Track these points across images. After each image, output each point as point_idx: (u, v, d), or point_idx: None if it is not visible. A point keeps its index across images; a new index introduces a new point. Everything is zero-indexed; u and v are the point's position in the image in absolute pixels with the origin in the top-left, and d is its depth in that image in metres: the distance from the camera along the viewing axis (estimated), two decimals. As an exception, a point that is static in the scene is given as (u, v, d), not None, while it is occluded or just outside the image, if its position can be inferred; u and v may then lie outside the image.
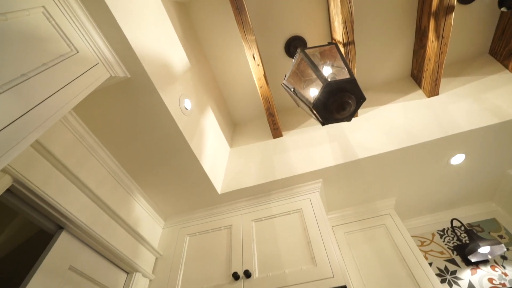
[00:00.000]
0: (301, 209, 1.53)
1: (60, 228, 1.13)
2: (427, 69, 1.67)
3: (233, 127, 2.29)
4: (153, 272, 1.54)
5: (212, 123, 1.77)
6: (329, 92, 0.83)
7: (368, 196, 1.84)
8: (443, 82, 1.80)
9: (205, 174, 1.53)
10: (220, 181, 1.71)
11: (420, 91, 1.83)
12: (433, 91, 1.71)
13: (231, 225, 1.61)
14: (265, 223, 1.54)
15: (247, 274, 1.29)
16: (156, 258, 1.61)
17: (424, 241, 2.03)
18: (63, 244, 1.10)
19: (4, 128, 0.60)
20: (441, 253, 1.92)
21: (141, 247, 1.49)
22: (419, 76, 1.81)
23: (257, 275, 1.30)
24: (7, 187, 0.90)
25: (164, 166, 1.48)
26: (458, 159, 1.63)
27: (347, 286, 1.13)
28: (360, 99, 0.87)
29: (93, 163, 1.32)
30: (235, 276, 1.30)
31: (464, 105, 1.60)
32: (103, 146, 1.38)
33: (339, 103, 0.83)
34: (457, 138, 1.49)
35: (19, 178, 0.92)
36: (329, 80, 0.87)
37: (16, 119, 0.64)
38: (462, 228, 2.02)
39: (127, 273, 1.42)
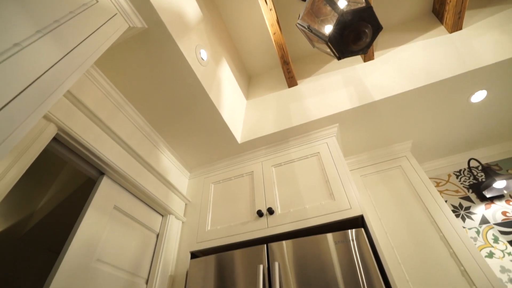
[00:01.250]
0: (319, 152, 1.60)
1: (101, 173, 1.26)
2: (450, 1, 1.57)
3: (248, 79, 2.30)
4: (184, 215, 1.71)
5: (227, 75, 1.80)
6: (344, 22, 0.83)
7: (384, 140, 1.87)
8: (467, 15, 1.69)
9: (225, 124, 1.60)
10: (239, 131, 1.79)
11: (442, 27, 1.74)
12: (456, 26, 1.62)
13: (252, 171, 1.71)
14: (284, 168, 1.63)
15: (270, 211, 1.41)
16: (186, 204, 1.77)
17: (440, 182, 2.08)
18: (105, 187, 1.24)
19: (48, 70, 0.67)
20: (456, 191, 1.98)
21: (171, 194, 1.64)
22: (441, 10, 1.71)
23: (279, 211, 1.43)
24: (53, 135, 1.01)
25: (186, 118, 1.56)
26: (479, 96, 1.60)
27: (364, 216, 1.23)
28: (376, 29, 0.86)
29: (121, 118, 1.42)
30: (259, 213, 1.43)
31: (489, 38, 1.53)
32: (128, 102, 1.46)
33: (355, 33, 0.83)
34: (480, 73, 1.45)
35: (62, 127, 1.02)
36: (344, 11, 0.86)
37: (56, 63, 0.70)
38: (480, 168, 2.04)
39: (162, 216, 1.59)
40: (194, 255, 1.51)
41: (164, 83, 1.37)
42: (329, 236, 1.16)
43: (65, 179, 2.08)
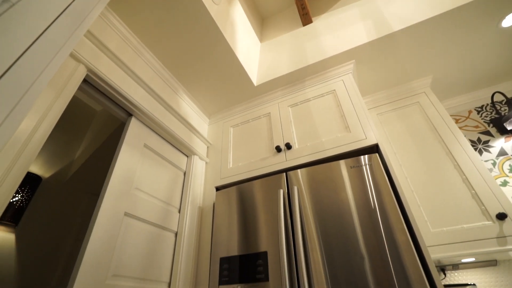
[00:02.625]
0: (335, 90, 1.61)
1: (130, 115, 1.36)
2: None
3: (261, 21, 2.24)
4: (207, 156, 1.83)
5: (240, 15, 1.76)
6: None
7: (402, 76, 1.83)
8: None
9: (240, 66, 1.62)
10: (254, 73, 1.81)
11: None
12: None
13: (269, 112, 1.77)
14: (300, 107, 1.67)
15: (288, 146, 1.49)
16: (208, 147, 1.89)
17: (459, 119, 2.06)
18: (134, 127, 1.35)
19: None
20: (476, 127, 1.96)
21: (194, 137, 1.75)
22: None
23: (297, 146, 1.50)
24: (84, 76, 1.09)
25: (203, 62, 1.59)
26: (511, 19, 1.49)
27: (379, 144, 1.28)
28: None
29: (140, 64, 1.47)
30: (278, 149, 1.51)
31: (527, -50, 1.37)
32: (146, 47, 1.49)
33: None
34: (511, -8, 1.34)
35: (91, 68, 1.09)
36: None
37: (82, -6, 0.74)
38: (504, 101, 1.98)
39: (187, 156, 1.72)
40: (218, 189, 1.65)
41: (179, 26, 1.38)
42: (342, 162, 1.24)
43: (96, 129, 2.24)
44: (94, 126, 2.31)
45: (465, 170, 1.44)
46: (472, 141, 1.92)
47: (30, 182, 1.78)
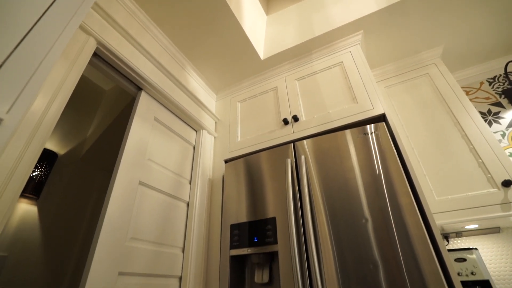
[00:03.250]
0: (342, 62, 1.59)
1: (140, 89, 1.39)
2: None
3: (267, -5, 2.19)
4: (215, 131, 1.87)
5: (246, -13, 1.73)
6: None
7: (412, 47, 1.79)
8: None
9: (247, 40, 1.61)
10: (261, 47, 1.79)
11: None
12: None
13: (276, 86, 1.77)
14: (307, 80, 1.67)
15: (295, 118, 1.51)
16: (216, 122, 1.92)
17: (470, 91, 2.02)
18: (144, 101, 1.38)
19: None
20: (487, 98, 1.93)
21: (202, 112, 1.77)
22: None
23: (304, 118, 1.52)
24: (94, 49, 1.11)
25: (209, 37, 1.58)
26: (526, -17, 1.43)
27: (386, 114, 1.29)
28: None
29: (148, 39, 1.47)
30: (285, 121, 1.53)
31: None
32: (153, 22, 1.49)
33: None
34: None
35: (101, 40, 1.11)
36: None
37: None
38: (517, 72, 1.93)
39: (196, 131, 1.76)
40: (227, 162, 1.70)
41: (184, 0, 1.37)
42: (348, 131, 1.25)
43: (106, 108, 2.29)
44: (103, 105, 2.36)
45: (473, 140, 1.44)
46: (482, 113, 1.89)
47: (47, 158, 1.86)
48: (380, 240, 0.96)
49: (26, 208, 1.71)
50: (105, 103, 2.38)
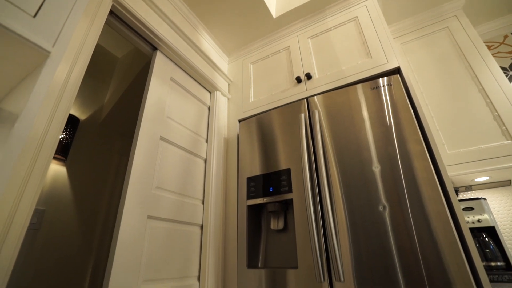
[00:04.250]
0: (357, 17, 1.55)
1: (155, 49, 1.42)
2: None
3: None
4: (228, 93, 1.90)
5: None
6: None
7: (433, -1, 1.71)
8: None
9: (258, -4, 1.57)
10: (273, 5, 1.75)
11: None
12: None
13: (289, 46, 1.75)
14: (321, 38, 1.64)
15: (308, 76, 1.51)
16: (229, 84, 1.94)
17: (492, 45, 1.94)
18: (160, 61, 1.41)
19: None
20: (510, 52, 1.85)
21: (215, 73, 1.79)
22: None
23: (317, 76, 1.52)
24: (110, 6, 1.13)
25: (220, -7, 1.56)
26: None
27: (401, 67, 1.28)
28: None
29: (159, -2, 1.46)
30: (298, 80, 1.54)
31: None
32: (162, -21, 1.47)
33: None
34: None
35: (115, -3, 1.12)
36: None
37: None
38: (544, 23, 1.82)
39: (210, 92, 1.79)
40: (241, 121, 1.75)
41: (194, -50, 1.34)
42: (360, 85, 1.26)
43: (120, 75, 2.34)
44: (117, 73, 2.41)
45: (490, 94, 1.42)
46: (503, 68, 1.83)
47: (71, 122, 1.96)
48: (387, 185, 1.00)
49: (57, 168, 1.85)
50: (118, 70, 2.43)
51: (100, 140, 2.27)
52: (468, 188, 1.57)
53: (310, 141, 1.25)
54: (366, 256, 0.94)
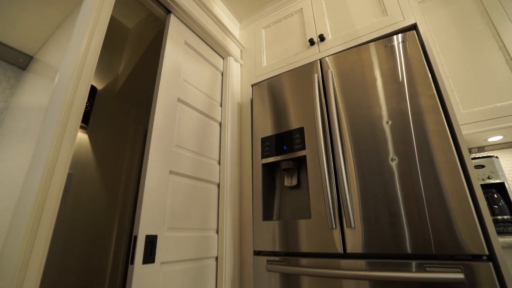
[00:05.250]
0: (373, -27, 1.49)
1: (169, 12, 1.43)
2: None
3: None
4: (241, 59, 1.91)
5: None
6: None
7: (455, -48, 1.61)
8: None
9: (271, -46, 1.53)
10: (286, -36, 1.70)
11: None
12: None
13: (301, 8, 1.72)
14: (334, 0, 1.60)
15: (321, 38, 1.50)
16: (241, 50, 1.94)
17: (516, 3, 1.83)
18: (174, 24, 1.42)
19: None
20: (535, 9, 1.75)
21: (228, 39, 1.79)
22: None
23: (330, 37, 1.51)
24: (124, -34, 1.13)
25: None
26: None
27: (417, 24, 1.25)
28: None
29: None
30: (311, 42, 1.53)
31: None
32: None
33: None
34: None
35: (129, -45, 1.12)
36: None
37: None
38: None
39: (223, 58, 1.80)
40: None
41: None
42: (373, 44, 1.25)
43: (132, 46, 2.36)
44: (129, 43, 2.43)
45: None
46: (526, 27, 1.75)
47: (90, 91, 2.03)
48: (398, 138, 1.03)
49: (80, 135, 1.95)
50: (130, 41, 2.45)
51: (117, 110, 2.35)
52: (481, 149, 1.57)
53: (323, 100, 1.27)
54: (373, 205, 1.00)
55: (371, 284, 0.93)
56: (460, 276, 0.80)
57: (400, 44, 1.18)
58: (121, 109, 2.39)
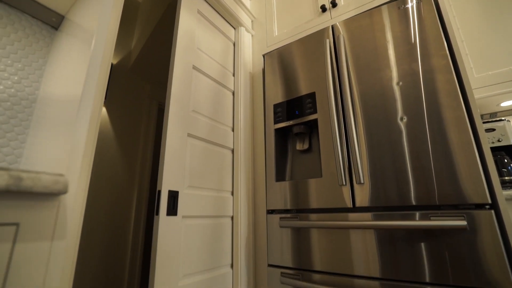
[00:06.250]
0: None
1: (181, -21, 1.44)
2: None
3: None
4: (252, 29, 1.91)
5: None
6: None
7: None
8: None
9: None
10: None
11: None
12: None
13: (314, -26, 1.69)
14: (348, -39, 1.56)
15: (334, 4, 1.49)
16: (252, 21, 1.94)
17: (541, -38, 1.75)
18: (187, -8, 1.44)
19: None
20: (560, -31, 1.67)
21: (239, 8, 1.79)
22: None
23: (342, 2, 1.49)
24: None
25: None
26: None
27: (432, -15, 1.22)
28: None
29: None
30: (323, 8, 1.53)
31: None
32: None
33: None
34: None
35: None
36: None
37: None
38: None
39: (234, 28, 1.82)
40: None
41: None
42: (385, 6, 1.24)
43: (143, 21, 2.38)
44: (140, 18, 2.46)
45: (529, 12, 1.34)
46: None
47: (105, 64, 2.09)
48: (407, 98, 1.06)
49: (98, 107, 2.04)
50: (141, 15, 2.46)
51: (131, 85, 2.42)
52: (493, 115, 1.57)
53: (335, 64, 1.29)
54: (381, 162, 1.04)
55: (377, 234, 1.00)
56: (463, 223, 0.85)
57: (415, 5, 1.17)
58: (135, 84, 2.46)
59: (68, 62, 1.08)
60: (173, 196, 1.10)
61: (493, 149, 1.36)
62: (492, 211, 0.85)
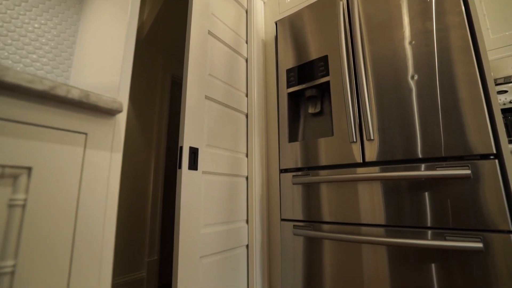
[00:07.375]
0: None
1: None
2: None
3: None
4: (265, -4, 1.90)
5: None
6: None
7: None
8: None
9: None
10: None
11: None
12: None
13: None
14: None
15: (349, -35, 1.47)
16: (265, -12, 1.93)
17: None
18: (201, -44, 1.44)
19: None
20: None
21: (251, -26, 1.78)
22: None
23: (357, -37, 1.47)
24: None
25: None
26: None
27: None
28: None
29: None
30: (337, -30, 1.50)
31: None
32: None
33: None
34: None
35: None
36: None
37: None
38: None
39: (247, -5, 1.81)
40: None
41: None
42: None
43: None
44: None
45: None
46: None
47: (120, 35, 2.14)
48: (419, 56, 1.08)
49: (115, 77, 2.12)
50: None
51: (144, 56, 2.46)
52: (507, 79, 1.56)
53: (347, 26, 1.31)
54: (390, 118, 1.09)
55: (383, 185, 1.06)
56: (467, 171, 0.90)
57: (431, -37, 1.15)
58: (148, 55, 2.51)
59: (101, 22, 1.15)
60: (194, 152, 1.19)
61: (504, 111, 1.37)
62: (496, 161, 0.89)
